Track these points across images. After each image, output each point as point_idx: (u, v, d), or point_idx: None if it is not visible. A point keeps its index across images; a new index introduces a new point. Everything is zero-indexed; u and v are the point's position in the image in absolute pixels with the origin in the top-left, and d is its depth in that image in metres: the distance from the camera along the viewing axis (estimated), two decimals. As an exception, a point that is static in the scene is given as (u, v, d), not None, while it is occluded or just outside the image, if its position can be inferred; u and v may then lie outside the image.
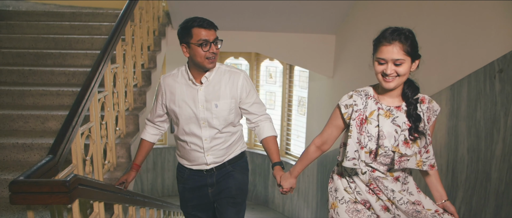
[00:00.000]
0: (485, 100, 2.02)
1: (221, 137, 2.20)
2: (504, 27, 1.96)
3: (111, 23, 4.53)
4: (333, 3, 4.31)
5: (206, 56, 2.02)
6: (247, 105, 2.20)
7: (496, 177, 1.93)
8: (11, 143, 2.78)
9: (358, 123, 1.70)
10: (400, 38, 1.57)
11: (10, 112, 3.05)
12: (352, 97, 1.73)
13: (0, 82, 3.52)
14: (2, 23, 4.36)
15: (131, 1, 3.22)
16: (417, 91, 1.68)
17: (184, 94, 2.14)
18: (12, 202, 1.48)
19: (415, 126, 1.64)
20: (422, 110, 1.66)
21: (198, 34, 2.00)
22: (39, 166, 1.64)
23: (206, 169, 2.26)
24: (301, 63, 5.44)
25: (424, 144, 1.65)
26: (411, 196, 1.77)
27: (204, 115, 2.13)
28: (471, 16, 2.24)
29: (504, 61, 1.89)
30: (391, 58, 1.58)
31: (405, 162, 1.67)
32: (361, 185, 1.79)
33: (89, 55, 3.89)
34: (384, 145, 1.65)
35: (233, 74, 2.16)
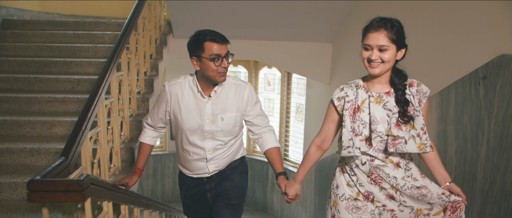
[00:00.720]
0: (471, 105, 2.15)
1: (223, 147, 2.22)
2: (487, 37, 2.09)
3: (114, 32, 4.67)
4: (330, 12, 4.46)
5: (218, 70, 2.00)
6: (251, 117, 2.21)
7: (481, 177, 2.05)
8: (19, 148, 2.89)
9: (351, 112, 1.75)
10: (386, 25, 1.64)
11: (18, 118, 3.16)
12: (343, 90, 1.80)
13: (7, 89, 3.64)
14: (7, 32, 4.49)
15: (135, 11, 3.34)
16: (405, 79, 1.73)
17: (190, 105, 2.13)
18: (30, 200, 1.59)
19: (403, 110, 1.68)
20: (411, 93, 1.71)
21: (211, 49, 1.98)
22: (54, 167, 1.75)
23: (207, 176, 2.29)
24: (299, 70, 5.58)
25: (421, 126, 1.67)
26: (416, 181, 1.77)
27: (209, 128, 2.13)
28: (457, 27, 2.38)
29: (487, 69, 2.02)
30: (376, 44, 1.65)
31: (402, 145, 1.68)
32: (363, 176, 1.80)
33: (93, 63, 4.01)
34: (377, 130, 1.70)
35: (239, 87, 2.16)
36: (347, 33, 4.54)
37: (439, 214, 1.75)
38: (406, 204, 1.76)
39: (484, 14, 2.15)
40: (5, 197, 2.62)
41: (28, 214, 2.47)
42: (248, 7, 4.38)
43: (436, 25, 2.62)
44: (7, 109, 3.39)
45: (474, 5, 2.23)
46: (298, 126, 6.67)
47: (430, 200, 1.72)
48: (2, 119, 3.13)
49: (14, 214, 2.46)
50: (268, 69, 7.08)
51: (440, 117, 2.45)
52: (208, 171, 2.25)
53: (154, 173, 7.47)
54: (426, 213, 1.75)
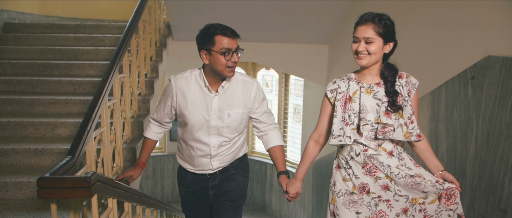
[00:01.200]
0: (460, 104, 2.24)
1: (228, 143, 2.20)
2: (475, 39, 2.19)
3: (114, 35, 4.75)
4: (326, 15, 4.55)
5: (227, 65, 1.99)
6: (258, 115, 2.20)
7: (470, 173, 2.14)
8: (23, 149, 2.96)
9: (342, 103, 1.83)
10: (373, 19, 1.72)
11: (22, 120, 3.23)
12: (336, 82, 1.88)
13: (10, 91, 3.71)
14: (9, 35, 4.56)
15: (136, 15, 3.43)
16: (395, 72, 1.79)
17: (197, 100, 2.11)
18: (40, 196, 1.67)
19: (392, 100, 1.75)
20: (401, 83, 1.78)
21: (221, 42, 1.97)
22: (61, 165, 1.83)
23: (210, 173, 2.26)
24: (296, 72, 5.67)
25: (409, 115, 1.74)
26: (410, 170, 1.80)
27: (215, 123, 2.11)
28: (447, 30, 2.47)
29: (475, 69, 2.12)
30: (363, 36, 1.73)
31: (391, 133, 1.75)
32: (358, 168, 1.84)
33: (94, 65, 4.08)
34: (366, 118, 1.77)
35: (246, 84, 2.15)
36: (343, 34, 4.63)
37: (434, 202, 1.78)
38: (401, 193, 1.80)
39: (472, 17, 2.25)
40: (11, 196, 2.70)
41: (33, 212, 2.55)
42: (246, 10, 4.47)
43: (428, 28, 2.71)
44: (10, 111, 3.46)
45: (463, 9, 2.32)
46: (295, 126, 6.76)
47: (424, 189, 1.76)
48: (6, 121, 3.21)
49: (20, 213, 2.54)
50: (266, 70, 7.17)
51: (431, 116, 2.54)
52: (211, 168, 2.23)
53: (154, 174, 7.54)
54: (421, 202, 1.79)
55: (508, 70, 1.87)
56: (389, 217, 1.83)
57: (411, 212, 1.81)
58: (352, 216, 1.85)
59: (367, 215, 1.84)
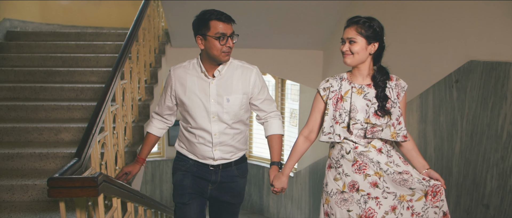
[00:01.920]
0: (446, 106, 2.37)
1: (230, 133, 2.18)
2: (459, 44, 2.32)
3: (114, 42, 4.86)
4: (320, 21, 4.68)
5: (223, 49, 2.01)
6: (259, 102, 2.19)
7: (456, 171, 2.26)
8: (28, 153, 3.06)
9: (334, 101, 1.90)
10: (357, 22, 1.83)
11: (26, 125, 3.33)
12: (329, 81, 1.96)
13: (14, 98, 3.82)
14: (12, 44, 4.67)
15: (136, 23, 3.55)
16: (386, 76, 1.87)
17: (195, 86, 2.13)
18: (50, 195, 1.78)
19: (382, 105, 1.83)
20: (390, 86, 1.87)
21: (216, 27, 1.99)
22: (69, 166, 1.94)
23: (213, 165, 2.23)
24: (292, 77, 5.80)
25: (396, 117, 1.83)
26: (398, 167, 1.87)
27: (215, 109, 2.11)
28: (433, 36, 2.61)
29: (459, 73, 2.24)
30: (346, 37, 1.84)
31: (379, 132, 1.84)
32: (348, 166, 1.90)
33: (95, 72, 4.19)
34: (356, 117, 1.84)
35: (245, 70, 2.15)
36: (336, 40, 4.76)
37: (421, 200, 1.85)
38: (389, 190, 1.86)
39: (455, 25, 2.38)
40: (17, 198, 2.80)
41: (39, 213, 2.64)
42: (243, 17, 4.59)
43: (415, 35, 2.84)
44: (15, 117, 3.56)
45: (447, 17, 2.45)
46: (292, 130, 6.87)
47: (411, 185, 1.83)
48: (11, 126, 3.31)
49: (27, 214, 2.63)
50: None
51: (420, 118, 2.66)
52: (213, 157, 2.20)
53: (152, 178, 7.63)
54: (409, 199, 1.85)
55: (488, 74, 2.00)
56: (378, 214, 1.87)
57: (399, 210, 1.87)
58: (343, 214, 1.91)
59: (357, 213, 1.89)
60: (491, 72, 1.98)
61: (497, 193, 1.94)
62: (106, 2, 6.79)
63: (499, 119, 1.92)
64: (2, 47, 4.59)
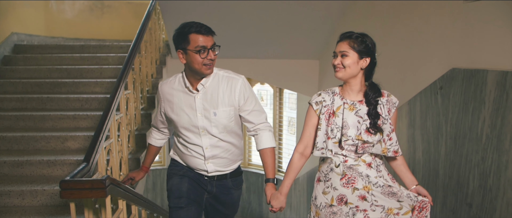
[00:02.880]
0: (432, 112, 2.51)
1: (222, 146, 2.15)
2: (442, 53, 2.47)
3: (117, 54, 5.03)
4: (316, 32, 4.85)
5: (204, 62, 1.97)
6: (245, 113, 2.13)
7: (442, 173, 2.40)
8: (37, 160, 3.21)
9: (326, 117, 1.89)
10: (350, 36, 1.84)
11: (34, 134, 3.48)
12: (321, 95, 1.94)
13: (22, 108, 3.97)
14: (19, 56, 4.84)
15: (139, 36, 3.71)
16: (378, 93, 1.86)
17: (181, 102, 2.10)
18: (62, 196, 1.92)
19: (373, 123, 1.83)
20: (382, 102, 1.86)
21: (196, 41, 1.95)
22: (79, 170, 2.08)
23: (207, 176, 2.22)
24: (289, 86, 5.96)
25: (388, 133, 1.84)
26: (387, 182, 1.88)
27: (202, 123, 2.08)
28: (420, 46, 2.77)
29: (442, 80, 2.40)
30: (338, 51, 1.85)
31: (370, 148, 1.84)
32: (336, 179, 1.89)
33: (99, 83, 4.35)
34: (347, 134, 1.83)
35: (231, 80, 2.09)
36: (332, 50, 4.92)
37: (408, 214, 1.86)
38: (378, 203, 1.86)
39: (439, 35, 2.54)
40: (27, 203, 2.94)
41: (48, 217, 2.78)
42: (241, 28, 4.77)
43: (404, 45, 3.00)
44: (23, 126, 3.71)
45: (432, 27, 2.61)
46: (290, 138, 7.01)
47: (400, 198, 1.85)
48: (20, 135, 3.46)
49: (37, 217, 2.77)
50: (260, 85, 7.46)
51: (409, 123, 2.81)
52: (206, 169, 2.18)
53: (154, 187, 7.75)
54: (396, 213, 1.86)
55: (469, 81, 2.15)
56: None
57: None
58: None
59: None
60: (471, 79, 2.13)
61: (478, 192, 2.08)
62: (108, 16, 6.99)
63: (479, 123, 2.07)
64: (10, 59, 4.76)
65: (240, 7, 4.42)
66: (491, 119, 1.97)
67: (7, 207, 2.90)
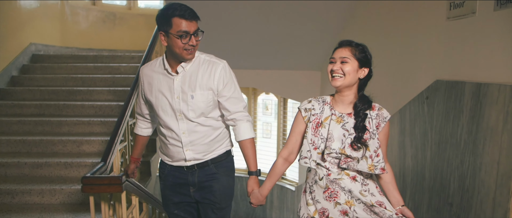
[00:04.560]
0: (420, 120, 2.73)
1: (200, 131, 2.07)
2: (428, 66, 2.70)
3: (128, 64, 5.31)
4: (318, 44, 5.10)
5: (185, 47, 1.91)
6: (223, 99, 2.05)
7: (428, 176, 2.61)
8: (55, 162, 3.46)
9: (313, 125, 1.82)
10: (350, 44, 1.79)
11: (52, 138, 3.75)
12: (311, 102, 1.88)
13: (40, 114, 4.24)
14: (36, 66, 5.14)
15: (150, 48, 3.98)
16: (368, 105, 1.79)
17: (160, 84, 2.04)
18: (83, 191, 2.17)
19: (358, 137, 1.75)
20: (371, 116, 1.79)
21: (179, 25, 1.87)
22: (98, 168, 2.33)
23: (187, 165, 2.12)
24: (293, 95, 6.19)
25: (375, 148, 1.75)
26: (373, 197, 1.80)
27: (179, 106, 2.01)
28: (408, 59, 2.99)
29: (428, 91, 2.62)
30: (339, 56, 1.77)
31: (354, 163, 1.76)
32: (320, 192, 1.84)
33: (111, 91, 4.62)
34: (331, 147, 1.77)
35: (211, 65, 2.03)
36: (333, 62, 5.16)
37: None
38: None
39: (425, 49, 2.76)
40: (46, 201, 3.18)
41: (66, 214, 3.02)
42: (247, 41, 5.04)
43: (395, 58, 3.23)
44: (41, 131, 3.98)
45: (419, 42, 2.84)
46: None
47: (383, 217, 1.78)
48: (39, 139, 3.72)
49: (55, 215, 3.00)
50: (265, 95, 7.70)
51: (400, 131, 3.03)
52: (184, 158, 2.10)
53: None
54: None
55: (450, 91, 2.37)
56: None
57: None
58: None
59: None
60: (452, 90, 2.35)
61: (458, 193, 2.29)
62: (120, 27, 7.30)
63: (458, 130, 2.28)
64: (28, 68, 5.06)
65: (246, 21, 4.68)
66: (468, 126, 2.19)
67: (28, 205, 3.15)
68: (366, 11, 3.95)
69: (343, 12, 4.36)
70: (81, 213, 3.02)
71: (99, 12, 7.08)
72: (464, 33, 2.33)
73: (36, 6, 5.44)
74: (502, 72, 1.99)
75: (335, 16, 4.44)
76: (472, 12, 2.20)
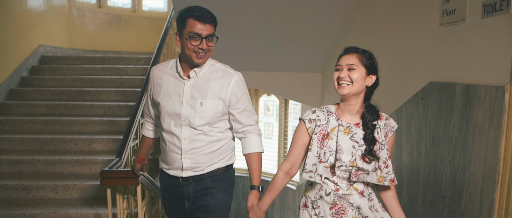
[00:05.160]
0: (415, 119, 2.90)
1: (202, 140, 1.99)
2: (422, 69, 2.87)
3: (134, 65, 5.48)
4: (319, 47, 5.26)
5: (194, 50, 1.85)
6: (236, 111, 2.00)
7: (422, 171, 2.78)
8: (67, 159, 3.63)
9: (319, 137, 1.73)
10: (357, 50, 1.74)
11: (63, 136, 3.91)
12: (315, 112, 1.78)
13: (51, 113, 4.41)
14: (46, 67, 5.31)
15: (158, 50, 4.15)
16: (376, 116, 1.73)
17: (170, 87, 1.98)
18: (102, 184, 2.34)
19: (369, 149, 1.68)
20: (379, 126, 1.72)
21: (192, 26, 1.82)
22: (114, 163, 2.50)
23: (182, 176, 2.03)
24: (294, 97, 6.36)
25: (384, 160, 1.69)
26: (377, 213, 1.75)
27: (186, 112, 1.94)
28: (405, 62, 3.16)
29: (423, 92, 2.79)
30: (346, 63, 1.70)
31: (364, 176, 1.70)
32: (326, 208, 1.75)
33: (119, 92, 4.79)
34: (341, 159, 1.68)
35: (226, 74, 1.97)
36: (334, 64, 5.32)
37: None
38: None
39: (420, 53, 2.93)
40: (60, 196, 3.35)
41: (79, 208, 3.18)
42: (250, 44, 5.20)
43: (393, 61, 3.40)
44: (53, 130, 4.15)
45: (414, 46, 3.01)
46: (295, 147, 7.38)
47: None
48: (51, 137, 3.89)
49: (69, 209, 3.17)
50: (267, 96, 7.87)
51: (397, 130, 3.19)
52: (181, 166, 2.01)
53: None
54: None
55: (442, 92, 2.54)
56: None
57: None
58: None
59: None
60: (444, 91, 2.52)
61: (450, 186, 2.45)
62: (124, 29, 7.48)
63: (450, 127, 2.45)
64: (38, 69, 5.23)
65: (248, 24, 4.85)
66: (459, 124, 2.35)
67: (42, 199, 3.32)
68: (365, 16, 4.13)
69: (343, 17, 4.53)
70: (94, 207, 3.19)
71: (105, 14, 7.26)
72: (455, 38, 2.50)
73: (44, 8, 5.61)
74: (489, 74, 2.16)
75: (335, 20, 4.61)
76: (462, 19, 2.37)
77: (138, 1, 7.64)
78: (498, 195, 2.03)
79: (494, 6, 2.10)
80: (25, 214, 3.03)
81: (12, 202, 3.23)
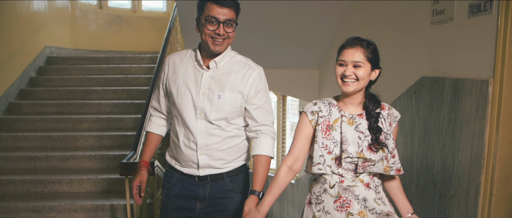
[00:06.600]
0: (409, 112, 3.11)
1: (219, 135, 1.85)
2: (415, 64, 3.09)
3: (138, 65, 5.66)
4: (316, 44, 5.45)
5: (211, 35, 1.73)
6: (252, 107, 1.85)
7: (416, 160, 3.00)
8: (79, 155, 3.81)
9: (323, 128, 1.68)
10: (362, 43, 1.64)
11: (75, 133, 4.10)
12: (317, 104, 1.73)
13: (60, 112, 4.59)
14: (52, 67, 5.47)
15: (163, 51, 4.33)
16: (378, 105, 1.71)
17: (187, 75, 1.84)
18: (121, 174, 2.53)
19: (375, 138, 1.65)
20: (383, 116, 1.70)
21: (210, 9, 1.72)
22: (131, 155, 2.70)
23: (199, 175, 1.87)
24: (292, 93, 6.56)
25: (391, 149, 1.67)
26: (384, 206, 1.70)
27: (202, 104, 1.80)
28: (399, 57, 3.38)
29: (416, 86, 3.00)
30: (351, 60, 1.62)
31: (371, 166, 1.65)
32: (330, 201, 1.69)
33: (125, 90, 4.97)
34: (348, 150, 1.63)
35: (247, 67, 1.85)
36: (331, 61, 5.54)
37: None
38: None
39: (413, 49, 3.15)
40: (75, 190, 3.54)
41: (94, 200, 3.37)
42: (248, 41, 5.38)
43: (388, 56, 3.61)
44: (63, 127, 4.33)
45: (408, 43, 3.23)
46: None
47: None
48: (63, 134, 4.07)
49: (85, 200, 3.36)
50: (265, 93, 8.07)
51: (391, 122, 3.40)
52: (197, 163, 1.85)
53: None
54: None
55: (433, 86, 2.75)
56: None
57: None
58: None
59: None
60: (435, 85, 2.73)
61: (440, 173, 2.67)
62: (125, 29, 7.64)
63: (440, 119, 2.66)
64: (45, 70, 5.40)
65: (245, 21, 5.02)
66: (449, 115, 2.57)
67: (59, 193, 3.51)
68: (360, 15, 4.34)
69: (339, 14, 4.73)
70: (109, 198, 3.38)
71: (106, 15, 7.42)
72: (444, 36, 2.71)
73: (48, 10, 5.78)
74: (475, 69, 2.37)
75: (332, 17, 4.81)
76: (450, 18, 2.58)
77: (137, 2, 7.80)
78: (483, 179, 2.25)
79: (479, 7, 2.32)
80: (44, 206, 3.22)
81: (31, 195, 3.41)
